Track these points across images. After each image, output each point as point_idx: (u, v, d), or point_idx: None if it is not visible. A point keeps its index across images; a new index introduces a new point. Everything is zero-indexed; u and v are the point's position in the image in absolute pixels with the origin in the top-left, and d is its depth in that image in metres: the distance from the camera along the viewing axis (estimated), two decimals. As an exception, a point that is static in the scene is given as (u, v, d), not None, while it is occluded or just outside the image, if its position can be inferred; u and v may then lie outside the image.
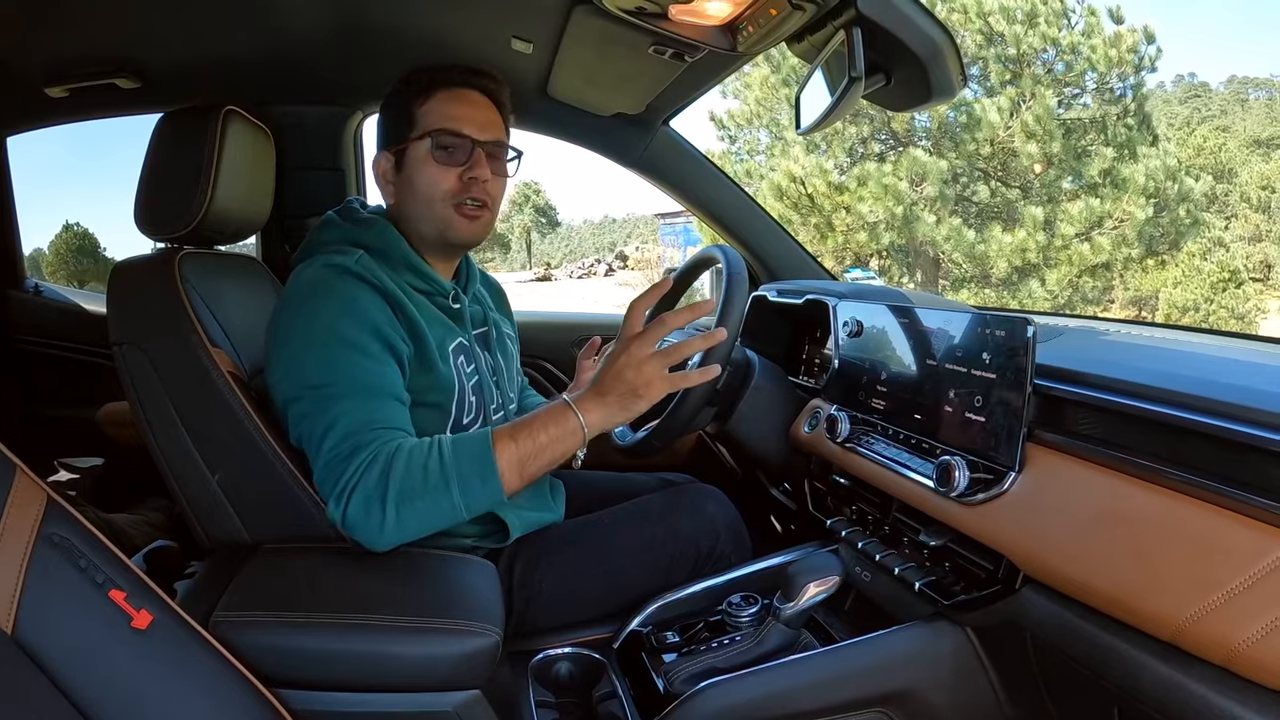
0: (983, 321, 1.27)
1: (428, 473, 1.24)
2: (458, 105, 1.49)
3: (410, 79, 1.52)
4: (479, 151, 1.48)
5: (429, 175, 1.48)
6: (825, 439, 1.63)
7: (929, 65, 1.33)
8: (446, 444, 1.28)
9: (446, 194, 1.48)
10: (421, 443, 1.28)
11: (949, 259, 14.92)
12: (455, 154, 1.48)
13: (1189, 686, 0.89)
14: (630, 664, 1.51)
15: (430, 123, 1.48)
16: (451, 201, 1.48)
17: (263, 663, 1.08)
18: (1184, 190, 14.11)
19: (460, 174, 1.48)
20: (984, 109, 13.99)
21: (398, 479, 1.22)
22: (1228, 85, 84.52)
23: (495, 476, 1.27)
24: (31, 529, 0.91)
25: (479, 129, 1.49)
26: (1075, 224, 13.77)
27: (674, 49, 1.62)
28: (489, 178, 1.50)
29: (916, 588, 1.31)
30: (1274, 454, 0.86)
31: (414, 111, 1.49)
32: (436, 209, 1.49)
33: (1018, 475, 1.16)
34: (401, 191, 1.52)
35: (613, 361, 1.32)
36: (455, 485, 1.24)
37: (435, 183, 1.48)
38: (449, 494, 1.24)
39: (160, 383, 1.41)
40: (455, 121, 1.48)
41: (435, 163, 1.47)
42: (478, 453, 1.27)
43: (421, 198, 1.49)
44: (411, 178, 1.50)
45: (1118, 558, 0.98)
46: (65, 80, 1.99)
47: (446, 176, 1.47)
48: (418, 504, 1.23)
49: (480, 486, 1.26)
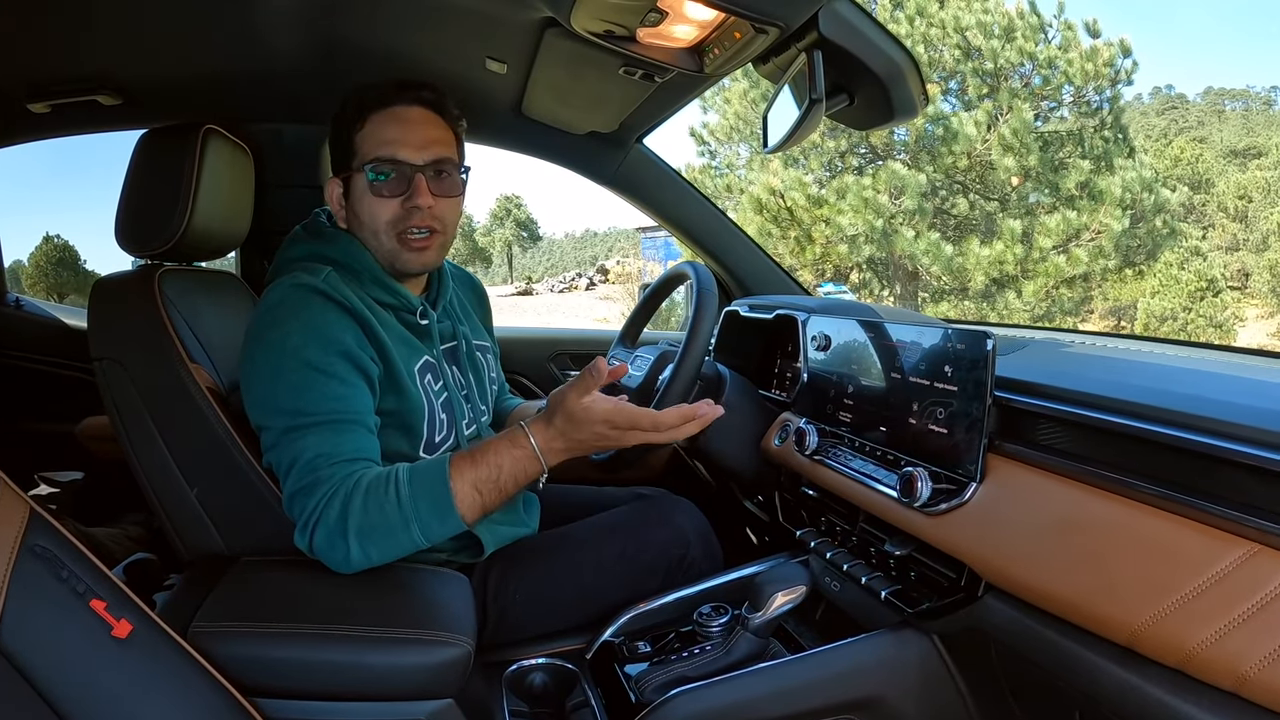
0: (945, 335, 1.29)
1: (385, 511, 1.23)
2: (392, 128, 1.43)
3: (345, 103, 1.47)
4: (419, 178, 1.42)
5: (369, 207, 1.43)
6: (794, 452, 1.64)
7: (890, 85, 1.36)
8: (404, 480, 1.26)
9: (389, 225, 1.43)
10: (380, 477, 1.26)
11: (927, 272, 14.97)
12: (393, 184, 1.42)
13: (1146, 689, 0.91)
14: (603, 674, 1.52)
15: (366, 151, 1.42)
16: (394, 232, 1.44)
17: (240, 672, 1.10)
18: (1160, 201, 14.20)
19: (402, 203, 1.42)
20: (961, 122, 14.05)
21: (356, 515, 1.22)
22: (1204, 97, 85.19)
23: (453, 513, 1.26)
24: (14, 540, 0.93)
25: (416, 150, 1.42)
26: (1052, 236, 13.84)
27: (644, 70, 1.64)
28: (431, 203, 1.43)
29: (883, 596, 1.34)
30: (1226, 462, 0.89)
31: (352, 139, 1.44)
32: (383, 240, 1.45)
33: (978, 485, 1.19)
34: (350, 220, 1.49)
35: (564, 401, 1.30)
36: (414, 523, 1.24)
37: (376, 215, 1.43)
38: (408, 530, 1.24)
39: (140, 398, 1.42)
40: (389, 147, 1.41)
41: (373, 195, 1.42)
42: (435, 490, 1.26)
43: (367, 229, 1.45)
44: (356, 208, 1.46)
45: (1075, 565, 1.00)
46: (47, 96, 1.99)
47: (387, 207, 1.43)
48: (378, 539, 1.24)
49: (438, 523, 1.26)
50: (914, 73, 1.37)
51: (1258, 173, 37.24)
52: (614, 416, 1.28)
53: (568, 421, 1.29)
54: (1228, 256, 31.89)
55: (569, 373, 2.70)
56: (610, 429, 1.28)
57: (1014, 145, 13.93)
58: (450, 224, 1.51)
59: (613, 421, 1.28)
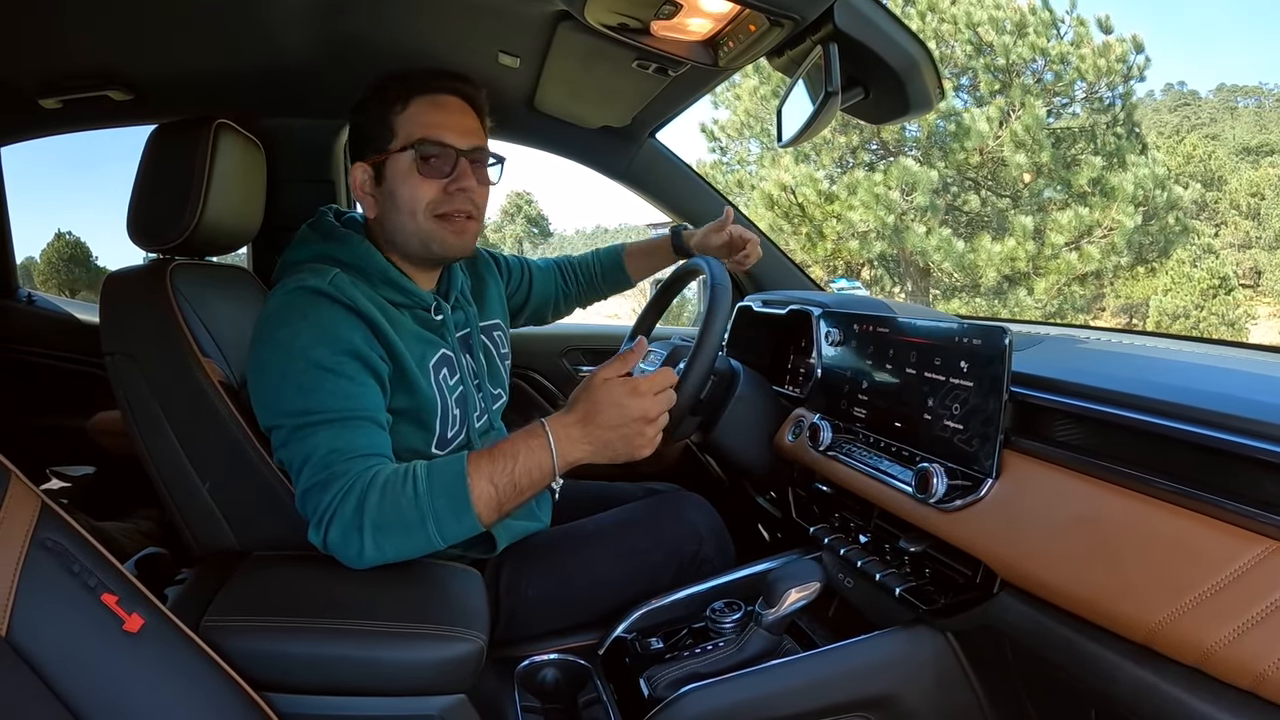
0: (961, 331, 1.28)
1: (401, 507, 1.21)
2: (437, 113, 1.44)
3: (384, 85, 1.46)
4: (464, 161, 1.44)
5: (412, 187, 1.42)
6: (808, 447, 1.63)
7: (906, 79, 1.36)
8: (422, 477, 1.24)
9: (431, 206, 1.43)
10: (398, 472, 1.24)
11: (939, 268, 14.94)
12: (439, 165, 1.42)
13: (1162, 688, 0.90)
14: (615, 670, 1.52)
15: (411, 132, 1.42)
16: (436, 213, 1.44)
17: (251, 667, 1.09)
18: (1173, 198, 14.15)
19: (445, 185, 1.43)
20: (973, 118, 14.02)
21: (372, 510, 1.20)
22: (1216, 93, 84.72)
23: (469, 510, 1.23)
24: (25, 534, 0.92)
25: (461, 137, 1.44)
26: (1064, 233, 13.80)
27: (657, 64, 1.64)
28: (475, 187, 1.45)
29: (897, 594, 1.32)
30: (1245, 458, 0.88)
31: (392, 120, 1.43)
32: (421, 222, 1.44)
33: (994, 482, 1.18)
34: (383, 204, 1.47)
35: (587, 382, 1.29)
36: (430, 520, 1.22)
37: (418, 196, 1.42)
38: (424, 529, 1.22)
39: (151, 392, 1.42)
40: (436, 130, 1.42)
41: (419, 175, 1.42)
42: (453, 486, 1.23)
43: (405, 211, 1.44)
44: (394, 190, 1.44)
45: (1092, 562, 0.99)
46: (58, 92, 2.00)
47: (430, 189, 1.42)
48: (393, 535, 1.22)
49: (454, 520, 1.23)
50: (929, 66, 1.37)
51: (1270, 170, 37.08)
52: (637, 381, 1.26)
53: (590, 402, 1.27)
54: (1240, 254, 31.76)
55: (581, 368, 2.70)
56: (630, 395, 1.25)
57: (1026, 141, 13.89)
58: (483, 210, 1.51)
59: (636, 388, 1.26)
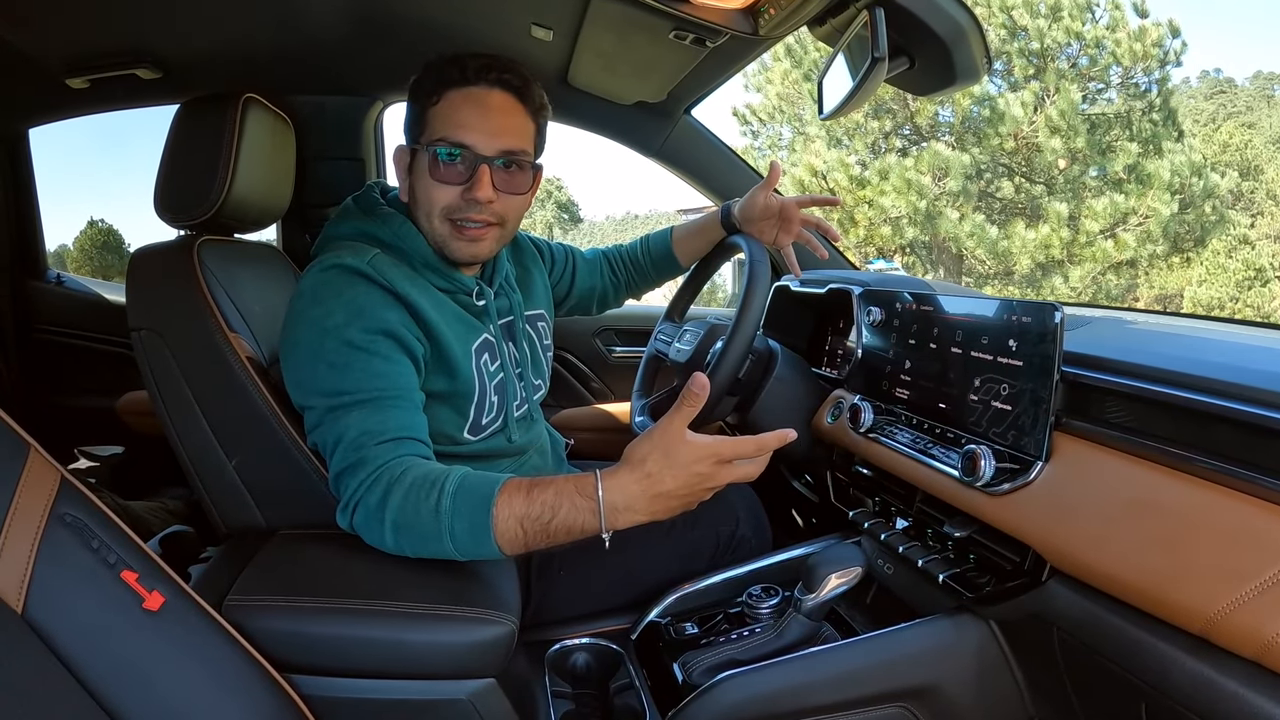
0: (1009, 308, 1.24)
1: (420, 515, 1.15)
2: (467, 110, 1.34)
3: (423, 75, 1.38)
4: (484, 168, 1.33)
5: (427, 189, 1.36)
6: (848, 429, 1.60)
7: (953, 48, 1.32)
8: (449, 491, 1.15)
9: (445, 210, 1.37)
10: (425, 477, 1.18)
11: (972, 255, 14.85)
12: (455, 170, 1.34)
13: (1219, 682, 0.86)
14: (648, 655, 1.50)
15: (435, 129, 1.34)
16: (449, 218, 1.37)
17: (275, 647, 1.08)
18: (1209, 186, 13.99)
19: (462, 192, 1.35)
20: (1007, 103, 13.92)
21: (394, 509, 1.16)
22: (1253, 81, 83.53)
23: (489, 542, 1.14)
24: (44, 509, 0.91)
25: (488, 138, 1.34)
26: (1099, 220, 13.68)
27: (695, 34, 1.60)
28: (492, 198, 1.35)
29: (941, 580, 1.29)
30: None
31: (425, 112, 1.37)
32: (435, 225, 1.38)
33: (1045, 465, 1.14)
34: (410, 193, 1.42)
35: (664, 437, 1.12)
36: (447, 536, 1.15)
37: (433, 199, 1.36)
38: (440, 541, 1.16)
39: (178, 368, 1.40)
40: (460, 131, 1.33)
41: (432, 177, 1.35)
42: (476, 515, 1.14)
43: (421, 210, 1.39)
44: (415, 185, 1.40)
45: (1146, 549, 0.95)
46: (85, 71, 2.00)
47: (446, 193, 1.36)
48: (412, 537, 1.17)
49: (473, 544, 1.15)
50: (977, 35, 1.34)
51: (1310, 160, 36.61)
52: (720, 447, 1.10)
53: (665, 460, 1.10)
54: (1276, 245, 31.35)
55: (614, 349, 2.69)
56: (712, 464, 1.10)
57: (1061, 127, 13.77)
58: (512, 220, 1.44)
59: (719, 454, 1.10)
